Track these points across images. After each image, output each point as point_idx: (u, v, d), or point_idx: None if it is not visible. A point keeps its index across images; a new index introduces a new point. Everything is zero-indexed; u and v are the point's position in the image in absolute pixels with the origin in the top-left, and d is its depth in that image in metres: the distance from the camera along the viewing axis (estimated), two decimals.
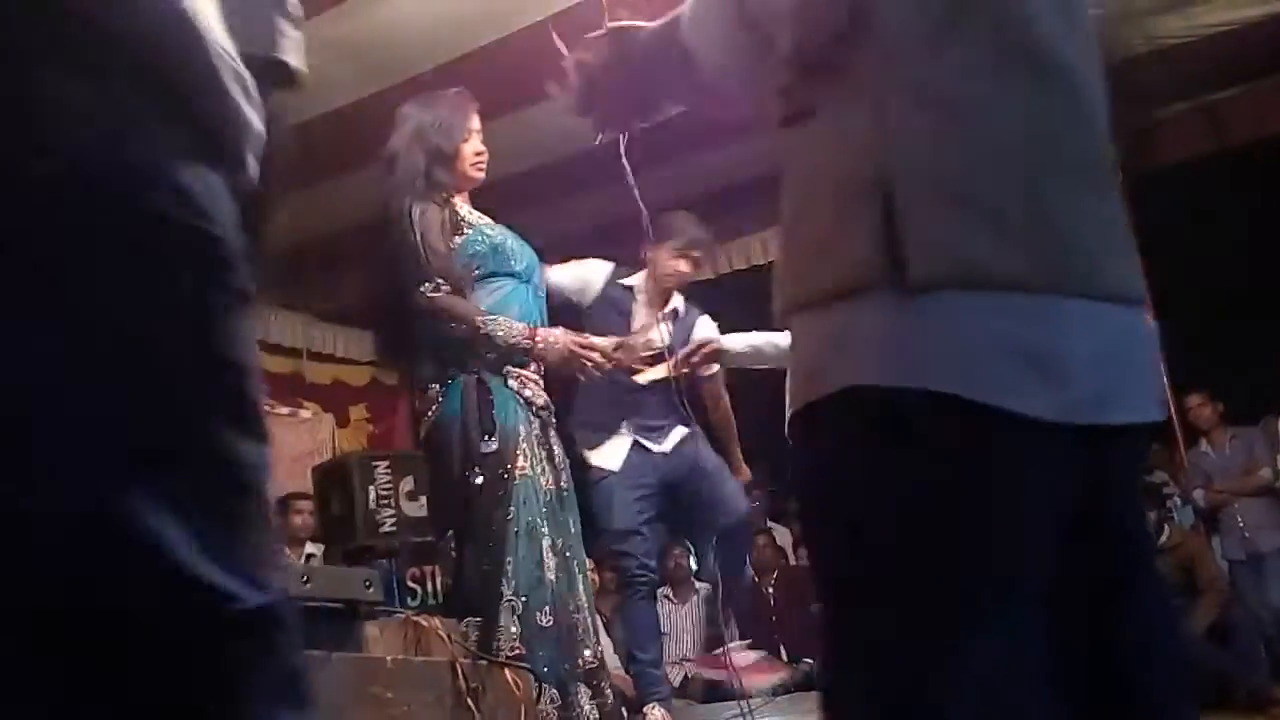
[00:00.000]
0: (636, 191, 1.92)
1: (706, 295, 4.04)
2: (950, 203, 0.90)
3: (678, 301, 3.87)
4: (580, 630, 2.62)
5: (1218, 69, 4.71)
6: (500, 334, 2.62)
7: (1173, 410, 5.25)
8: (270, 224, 1.04)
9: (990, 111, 0.92)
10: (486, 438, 2.58)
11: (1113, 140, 1.02)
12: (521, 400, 2.67)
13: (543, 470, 2.67)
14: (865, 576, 0.91)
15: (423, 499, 4.28)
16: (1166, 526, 5.38)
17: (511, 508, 2.56)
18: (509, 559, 2.52)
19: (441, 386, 2.66)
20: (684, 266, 3.80)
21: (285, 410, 6.31)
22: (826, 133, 0.97)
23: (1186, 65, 4.58)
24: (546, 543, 2.60)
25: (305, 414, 6.42)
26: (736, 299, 3.69)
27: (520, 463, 2.62)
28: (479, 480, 2.56)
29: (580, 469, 3.44)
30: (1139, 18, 4.30)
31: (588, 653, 2.61)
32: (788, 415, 0.99)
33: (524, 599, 2.51)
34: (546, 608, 2.54)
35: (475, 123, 2.83)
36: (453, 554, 2.60)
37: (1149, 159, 5.01)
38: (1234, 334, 5.27)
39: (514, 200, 2.90)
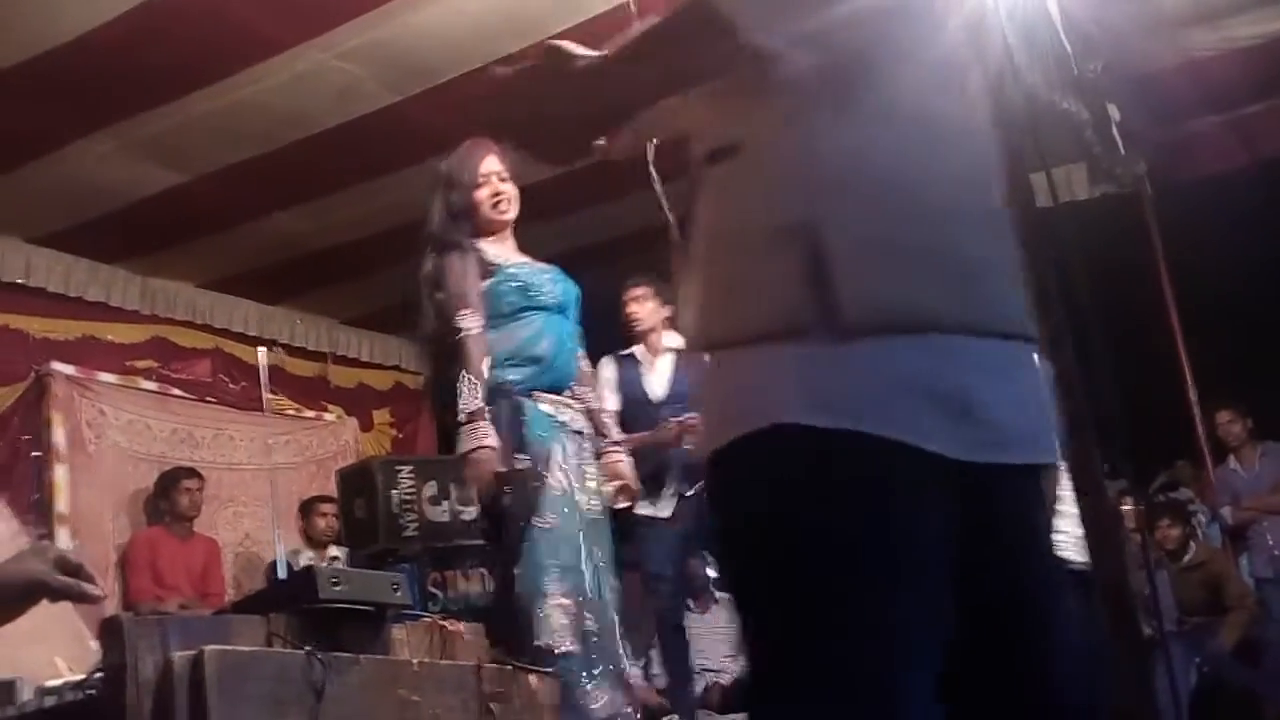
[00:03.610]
0: (664, 201, 1.93)
1: None
2: (874, 247, 0.93)
3: (673, 340, 3.96)
4: (619, 643, 2.74)
5: (1249, 82, 4.68)
6: (462, 395, 2.69)
7: (1199, 426, 5.20)
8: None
9: (902, 163, 0.95)
10: (517, 455, 2.69)
11: (1142, 153, 1.05)
12: (557, 423, 2.80)
13: (580, 488, 2.78)
14: (786, 610, 0.93)
15: (445, 504, 4.31)
16: (1192, 544, 5.33)
17: (551, 515, 2.66)
18: (552, 562, 2.61)
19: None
20: (633, 308, 3.96)
21: (310, 413, 6.36)
22: (749, 173, 0.99)
23: (1217, 78, 4.55)
24: (584, 553, 2.70)
25: (330, 417, 6.47)
26: None
27: (558, 476, 2.73)
28: (507, 499, 2.66)
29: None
30: (1170, 30, 4.28)
31: (625, 664, 2.74)
32: (704, 451, 0.99)
33: (576, 600, 2.62)
34: (591, 615, 2.65)
35: (488, 166, 2.93)
36: (497, 558, 2.75)
37: (1179, 172, 4.98)
38: (1264, 349, 5.21)
39: (533, 210, 2.94)
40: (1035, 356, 1.03)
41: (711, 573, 5.40)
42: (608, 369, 4.07)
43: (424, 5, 3.71)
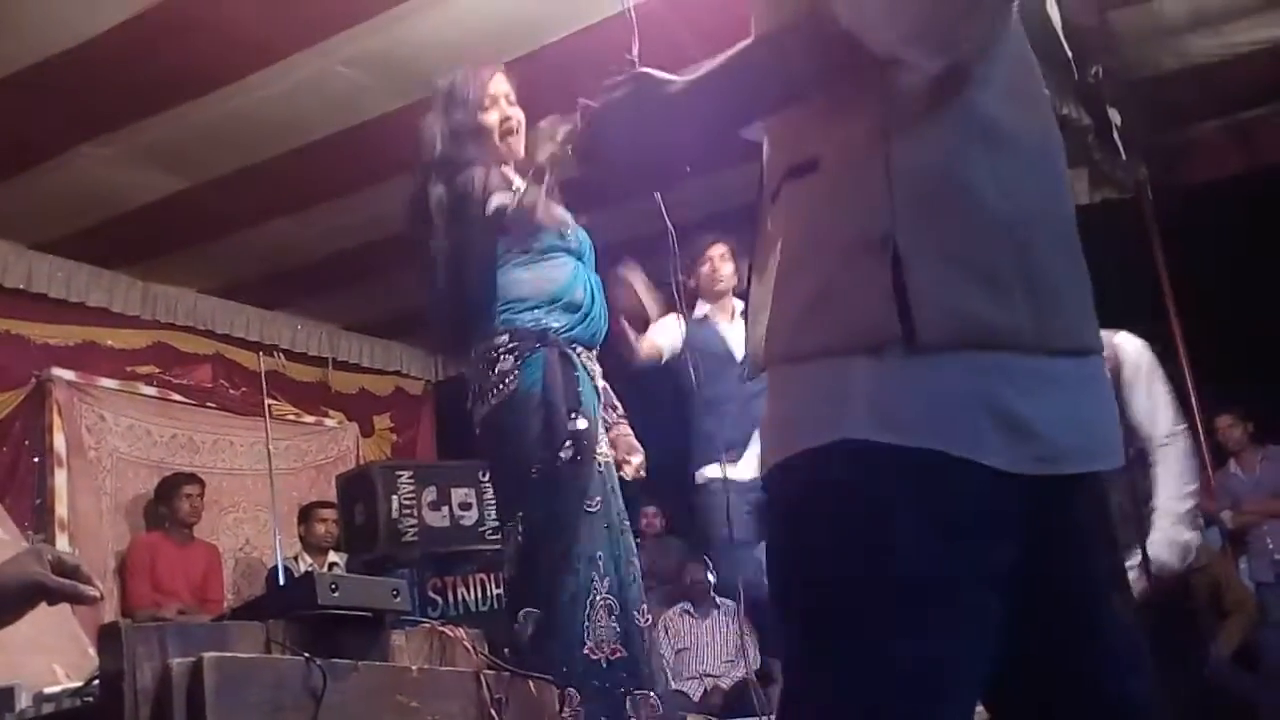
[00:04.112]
0: (665, 211, 1.94)
1: None
2: (952, 264, 0.93)
3: (738, 303, 3.92)
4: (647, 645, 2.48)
5: (1249, 87, 4.68)
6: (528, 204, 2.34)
7: (1200, 430, 5.20)
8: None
9: (978, 180, 0.96)
10: (573, 415, 2.33)
11: (1144, 159, 1.05)
12: (594, 385, 2.48)
13: (612, 459, 2.50)
14: (836, 631, 0.93)
15: (445, 509, 4.31)
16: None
17: (599, 497, 2.35)
18: (599, 553, 2.31)
19: (516, 359, 2.39)
20: (719, 265, 3.92)
21: (310, 419, 6.36)
22: (829, 188, 0.98)
23: (1218, 83, 4.55)
24: (628, 537, 2.41)
25: (330, 423, 6.47)
26: None
27: (604, 449, 2.42)
28: (567, 456, 2.30)
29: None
30: (1171, 36, 4.28)
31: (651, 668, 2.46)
32: (767, 463, 1.00)
33: (621, 596, 2.31)
34: (643, 605, 2.38)
35: (497, 86, 2.57)
36: (519, 539, 2.33)
37: (1180, 177, 4.98)
38: (1265, 354, 5.21)
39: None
40: (1100, 368, 1.04)
41: (711, 578, 5.40)
42: (672, 323, 3.75)
43: (423, 12, 3.72)
